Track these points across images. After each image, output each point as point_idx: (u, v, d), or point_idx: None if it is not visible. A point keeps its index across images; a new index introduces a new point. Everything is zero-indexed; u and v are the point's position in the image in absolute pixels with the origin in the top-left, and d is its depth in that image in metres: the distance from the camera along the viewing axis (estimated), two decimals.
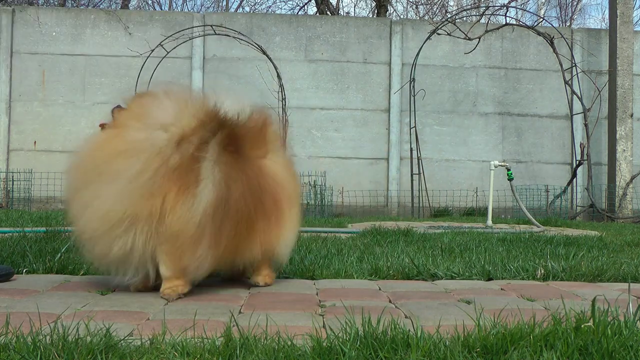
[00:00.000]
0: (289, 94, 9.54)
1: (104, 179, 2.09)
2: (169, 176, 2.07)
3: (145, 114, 2.16)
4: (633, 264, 3.08)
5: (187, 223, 2.07)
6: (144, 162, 2.06)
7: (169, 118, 2.13)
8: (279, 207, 2.37)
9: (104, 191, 2.08)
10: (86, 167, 2.18)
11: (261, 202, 2.28)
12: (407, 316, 1.96)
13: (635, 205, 9.48)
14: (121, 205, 2.05)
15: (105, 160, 2.11)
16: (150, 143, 2.09)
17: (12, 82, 9.58)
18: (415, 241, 4.09)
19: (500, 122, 10.01)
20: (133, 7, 19.30)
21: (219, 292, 2.37)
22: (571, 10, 24.43)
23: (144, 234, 2.08)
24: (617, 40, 9.54)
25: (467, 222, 7.18)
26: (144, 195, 2.05)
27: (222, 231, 2.15)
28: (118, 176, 2.07)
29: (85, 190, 2.14)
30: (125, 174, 2.06)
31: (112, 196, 2.06)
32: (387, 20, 10.35)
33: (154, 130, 2.11)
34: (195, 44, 9.67)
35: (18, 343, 1.45)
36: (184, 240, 2.10)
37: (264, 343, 1.51)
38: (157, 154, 2.07)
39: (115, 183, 2.06)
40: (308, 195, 8.93)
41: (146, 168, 2.06)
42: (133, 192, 2.05)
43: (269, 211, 2.32)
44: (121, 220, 2.05)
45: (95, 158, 2.16)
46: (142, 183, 2.05)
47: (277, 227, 2.36)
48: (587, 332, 1.54)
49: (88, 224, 2.13)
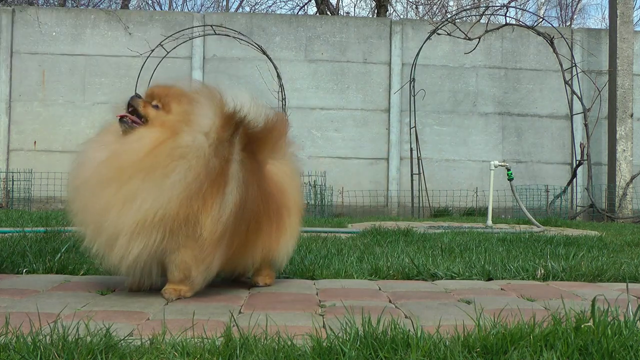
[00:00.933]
0: (289, 94, 9.54)
1: (148, 179, 2.06)
2: (210, 181, 2.09)
3: (191, 119, 2.15)
4: (633, 264, 3.08)
5: (216, 224, 2.10)
6: (191, 167, 2.08)
7: (209, 122, 2.15)
8: (282, 212, 2.39)
9: (146, 190, 2.05)
10: (121, 163, 2.10)
11: (268, 205, 2.31)
12: (407, 316, 1.96)
13: (635, 205, 9.48)
14: (160, 205, 2.04)
15: (152, 161, 2.08)
16: (196, 148, 2.10)
17: (12, 82, 9.58)
18: (415, 241, 4.09)
19: (500, 122, 10.01)
20: (133, 7, 19.30)
21: (219, 292, 2.37)
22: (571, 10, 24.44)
23: (168, 233, 2.07)
24: (617, 40, 9.54)
25: (467, 222, 7.18)
26: (186, 198, 2.06)
27: (238, 232, 2.18)
28: (164, 178, 2.06)
29: (116, 185, 2.08)
30: (172, 176, 2.06)
31: (154, 196, 2.04)
32: (387, 20, 10.35)
33: (199, 135, 2.12)
34: (195, 44, 9.67)
35: (18, 343, 1.45)
36: (210, 242, 2.11)
37: (264, 343, 1.51)
38: (203, 159, 2.09)
39: (160, 184, 2.05)
40: (308, 195, 8.93)
41: (193, 173, 2.07)
42: (178, 195, 2.05)
43: (273, 215, 2.35)
44: (154, 220, 2.04)
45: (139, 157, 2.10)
46: (186, 186, 2.06)
47: (278, 231, 2.38)
48: (587, 332, 1.54)
49: (115, 221, 2.06)
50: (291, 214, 2.45)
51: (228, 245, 2.17)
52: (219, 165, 2.11)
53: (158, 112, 2.20)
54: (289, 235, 2.44)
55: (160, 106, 2.20)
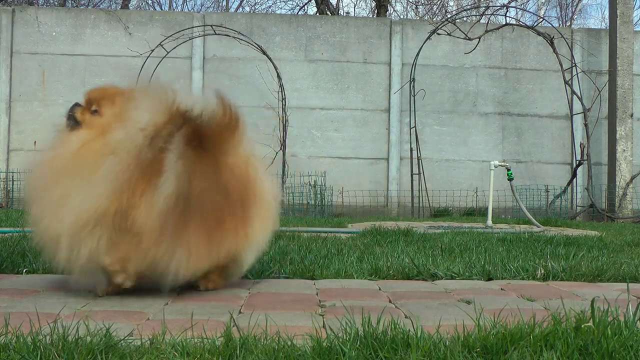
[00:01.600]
0: (289, 94, 9.54)
1: (78, 178, 2.07)
2: (140, 172, 2.07)
3: (124, 118, 2.15)
4: (633, 264, 3.08)
5: (148, 215, 2.06)
6: (120, 160, 2.06)
7: (145, 119, 2.13)
8: (244, 206, 2.30)
9: (76, 190, 2.05)
10: (54, 168, 2.14)
11: (226, 199, 2.23)
12: (407, 316, 1.96)
13: (635, 205, 9.48)
14: (92, 203, 2.03)
15: (80, 160, 2.10)
16: (129, 142, 2.09)
17: (12, 82, 9.58)
18: (415, 241, 4.09)
19: (500, 122, 10.01)
20: (133, 7, 19.30)
21: (219, 292, 2.37)
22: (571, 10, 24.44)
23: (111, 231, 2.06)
24: (617, 40, 9.54)
25: (467, 222, 7.18)
26: (115, 191, 2.04)
27: (187, 225, 2.12)
28: (95, 175, 2.05)
29: (54, 188, 2.10)
30: (99, 171, 2.05)
31: (84, 194, 2.04)
32: (387, 20, 10.35)
33: (133, 132, 2.11)
34: (195, 44, 9.67)
35: (18, 343, 1.45)
36: (146, 236, 2.07)
37: (264, 343, 1.51)
38: (134, 152, 2.08)
39: (89, 181, 2.05)
40: (308, 195, 8.93)
41: (122, 166, 2.06)
42: (106, 189, 2.03)
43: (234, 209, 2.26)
44: (91, 218, 2.03)
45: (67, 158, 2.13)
46: (115, 179, 2.04)
47: (243, 227, 2.28)
48: (587, 332, 1.54)
49: (57, 223, 2.07)
50: (259, 204, 2.36)
51: (179, 237, 2.10)
52: (152, 157, 2.09)
53: (93, 116, 2.22)
54: (257, 227, 2.34)
55: (98, 110, 2.22)
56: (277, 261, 3.02)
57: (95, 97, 2.26)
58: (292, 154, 9.62)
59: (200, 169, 2.19)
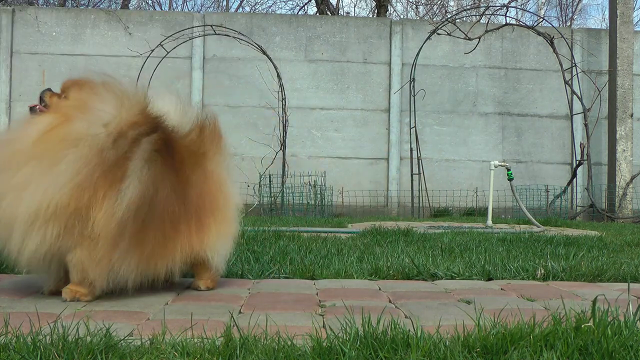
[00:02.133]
0: (289, 94, 9.54)
1: (39, 166, 2.01)
2: (102, 172, 2.03)
3: (88, 106, 2.11)
4: (633, 264, 3.08)
5: (109, 220, 2.02)
6: (83, 155, 2.02)
7: (110, 113, 2.10)
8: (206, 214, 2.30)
9: (37, 179, 2.00)
10: (14, 150, 2.07)
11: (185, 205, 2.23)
12: (407, 316, 1.96)
13: (635, 205, 9.48)
14: (52, 196, 1.98)
15: (43, 147, 2.04)
16: (91, 137, 2.04)
17: (12, 82, 9.58)
18: (415, 241, 4.09)
19: (500, 122, 10.01)
20: (133, 7, 19.30)
21: (219, 292, 2.37)
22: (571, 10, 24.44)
23: (63, 229, 2.00)
24: (617, 40, 9.54)
25: (467, 222, 7.18)
26: (76, 187, 1.99)
27: (146, 232, 2.10)
28: (54, 166, 2.00)
29: (15, 172, 2.03)
30: (62, 164, 2.00)
31: (45, 185, 1.98)
32: (387, 20, 10.35)
33: (96, 124, 2.07)
34: (195, 44, 9.67)
35: (18, 343, 1.45)
36: (105, 241, 2.03)
37: (264, 343, 1.51)
38: (96, 148, 2.03)
39: (50, 172, 2.00)
40: (308, 195, 8.93)
41: (84, 161, 2.01)
42: (67, 183, 1.99)
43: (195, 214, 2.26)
44: (47, 211, 1.98)
45: (30, 143, 2.06)
46: (77, 175, 2.00)
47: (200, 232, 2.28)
48: (587, 332, 1.54)
49: (9, 210, 2.00)
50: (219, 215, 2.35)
51: (134, 245, 2.08)
52: (115, 158, 2.04)
53: (59, 100, 2.19)
54: (216, 235, 2.32)
55: (66, 96, 2.19)
56: (277, 261, 3.02)
57: (68, 85, 2.24)
58: (292, 154, 9.62)
59: (165, 177, 2.17)
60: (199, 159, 2.34)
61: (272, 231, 4.38)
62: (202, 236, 2.28)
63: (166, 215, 2.16)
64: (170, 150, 2.23)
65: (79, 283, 2.13)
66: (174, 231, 2.20)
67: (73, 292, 2.12)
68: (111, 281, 2.13)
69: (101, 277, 2.10)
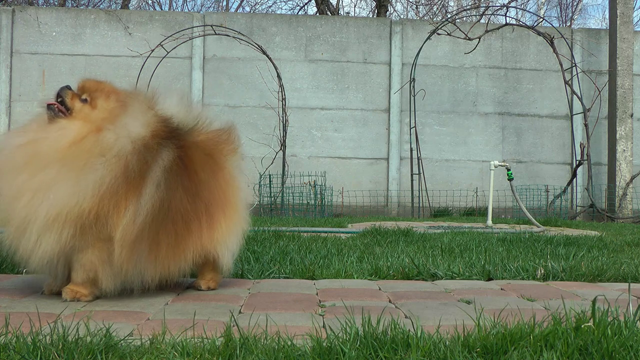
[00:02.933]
0: (289, 94, 9.54)
1: (65, 172, 2.02)
2: (126, 182, 2.05)
3: (118, 119, 2.13)
4: (633, 264, 3.08)
5: (130, 227, 2.04)
6: (109, 166, 2.04)
7: (137, 128, 2.12)
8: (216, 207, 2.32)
9: (62, 183, 2.00)
10: (37, 152, 2.06)
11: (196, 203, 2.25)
12: (407, 316, 1.96)
13: (635, 205, 9.48)
14: (76, 202, 1.99)
15: (72, 154, 2.04)
16: (118, 149, 2.06)
17: (12, 82, 9.58)
18: (415, 241, 4.09)
19: (500, 122, 10.02)
20: (133, 7, 19.30)
21: (219, 292, 2.37)
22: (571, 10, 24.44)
23: (79, 230, 2.02)
24: (617, 40, 9.55)
25: (467, 222, 7.18)
26: (100, 197, 2.01)
27: (161, 235, 2.13)
28: (81, 173, 2.01)
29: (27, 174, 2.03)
30: (90, 173, 2.02)
31: (70, 191, 1.99)
32: (387, 20, 10.35)
33: (124, 138, 2.09)
34: (195, 44, 9.67)
35: (18, 343, 1.45)
36: (124, 246, 2.05)
37: (264, 343, 1.51)
38: (122, 161, 2.05)
39: (76, 179, 2.01)
40: (308, 195, 8.93)
41: (110, 172, 2.03)
42: (91, 192, 2.00)
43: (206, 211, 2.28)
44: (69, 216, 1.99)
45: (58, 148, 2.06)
46: (102, 185, 2.01)
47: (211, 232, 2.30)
48: (587, 332, 1.54)
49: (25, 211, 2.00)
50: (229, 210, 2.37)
51: (151, 248, 2.11)
52: (138, 170, 2.07)
53: (84, 105, 2.17)
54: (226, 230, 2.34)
55: (88, 100, 2.18)
56: (277, 261, 3.02)
57: (90, 87, 2.21)
58: (292, 154, 9.62)
59: (179, 179, 2.19)
60: (209, 155, 2.36)
61: (272, 231, 4.38)
62: (213, 232, 2.30)
63: (179, 216, 2.19)
64: (184, 152, 2.25)
65: (80, 283, 2.13)
66: (187, 231, 2.22)
67: (73, 292, 2.13)
68: (124, 283, 2.15)
69: (114, 279, 2.12)
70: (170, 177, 2.16)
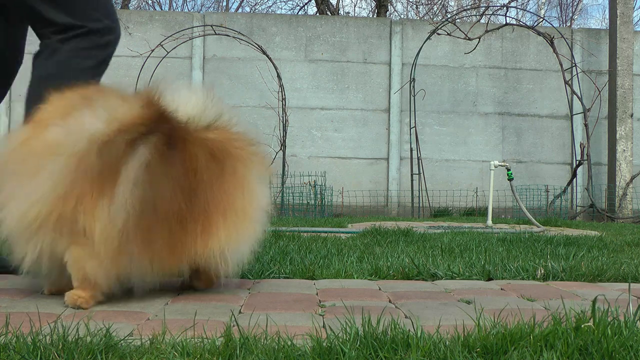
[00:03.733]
0: (289, 94, 9.54)
1: (20, 179, 2.00)
2: (88, 180, 1.97)
3: (69, 113, 2.05)
4: (633, 264, 3.08)
5: (109, 227, 1.98)
6: (62, 163, 1.97)
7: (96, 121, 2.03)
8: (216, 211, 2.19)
9: (21, 189, 1.98)
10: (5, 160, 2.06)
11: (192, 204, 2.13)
12: (407, 316, 1.96)
13: (635, 205, 9.49)
14: (37, 206, 1.96)
15: (23, 160, 2.01)
16: (70, 146, 1.99)
17: None
18: (415, 241, 4.09)
19: (500, 122, 10.02)
20: (133, 7, 19.30)
21: (219, 292, 2.37)
22: (571, 10, 24.45)
23: (57, 233, 1.98)
24: (617, 40, 9.55)
25: (467, 222, 7.18)
26: (57, 198, 1.95)
27: (153, 234, 2.05)
28: (36, 177, 1.98)
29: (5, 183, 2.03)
30: (44, 175, 1.97)
31: (27, 197, 1.97)
32: (387, 20, 10.35)
33: (75, 133, 2.01)
34: (195, 44, 9.67)
35: (18, 343, 1.44)
36: (107, 248, 1.99)
37: (264, 343, 1.51)
38: (76, 157, 1.97)
39: (32, 183, 1.97)
40: (308, 195, 8.94)
41: (63, 171, 1.96)
42: (46, 194, 1.96)
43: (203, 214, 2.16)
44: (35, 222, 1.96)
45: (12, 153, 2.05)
46: (57, 184, 1.96)
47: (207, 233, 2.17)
48: (587, 332, 1.54)
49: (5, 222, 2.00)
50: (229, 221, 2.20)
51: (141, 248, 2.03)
52: (104, 167, 1.98)
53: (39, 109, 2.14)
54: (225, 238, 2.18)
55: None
56: (277, 261, 3.02)
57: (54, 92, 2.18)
58: (292, 154, 9.62)
59: (171, 176, 2.08)
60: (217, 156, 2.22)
61: (272, 231, 4.37)
62: (207, 237, 2.15)
63: (172, 215, 2.09)
64: (184, 148, 2.14)
65: (80, 285, 2.10)
66: (183, 231, 2.12)
67: (74, 299, 2.08)
68: (120, 284, 2.11)
69: (105, 277, 2.07)
70: (156, 174, 2.05)
